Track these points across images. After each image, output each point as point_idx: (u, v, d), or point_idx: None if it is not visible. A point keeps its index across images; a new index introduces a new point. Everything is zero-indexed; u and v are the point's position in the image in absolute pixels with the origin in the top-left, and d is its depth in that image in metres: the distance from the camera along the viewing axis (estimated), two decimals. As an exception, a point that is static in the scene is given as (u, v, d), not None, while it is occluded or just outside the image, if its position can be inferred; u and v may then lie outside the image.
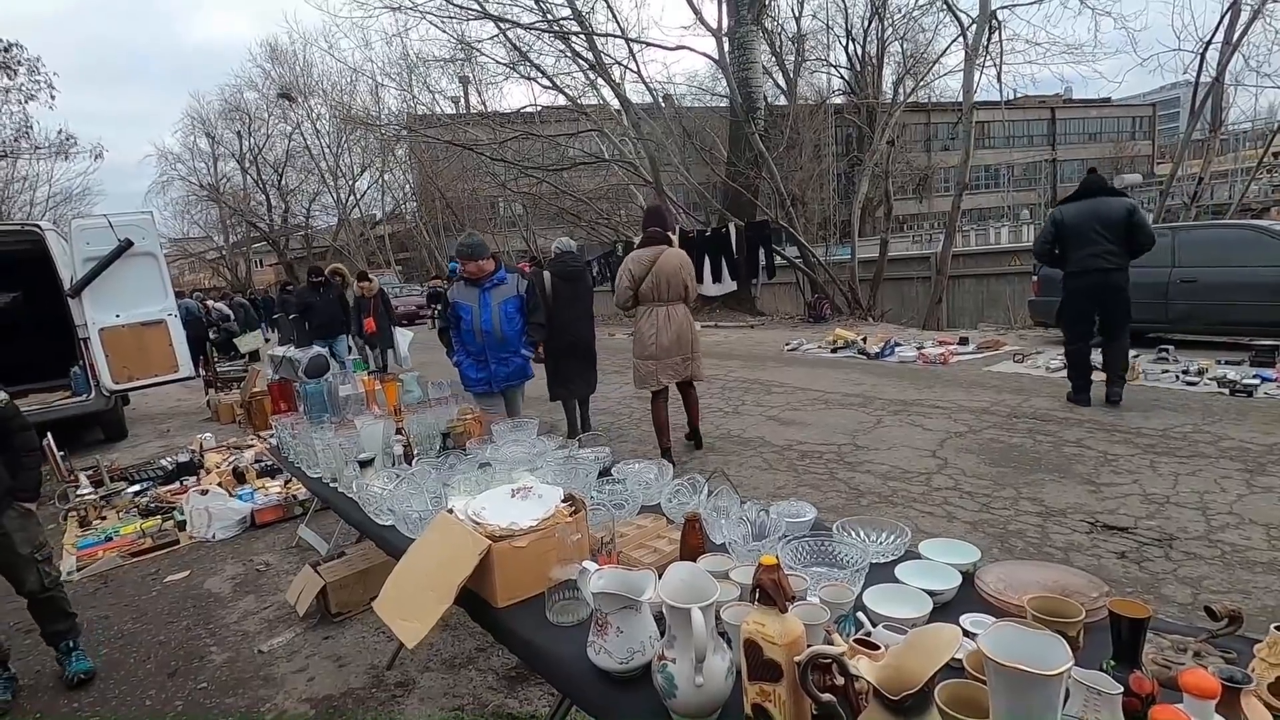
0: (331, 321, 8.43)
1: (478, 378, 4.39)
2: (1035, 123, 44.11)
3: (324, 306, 8.40)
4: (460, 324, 4.33)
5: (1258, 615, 2.55)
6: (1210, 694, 0.90)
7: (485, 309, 4.24)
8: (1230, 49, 10.85)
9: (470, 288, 4.29)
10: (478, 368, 4.38)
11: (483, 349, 4.31)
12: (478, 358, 4.36)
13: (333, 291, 8.50)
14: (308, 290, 8.59)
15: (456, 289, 4.40)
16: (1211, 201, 18.66)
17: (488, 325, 4.24)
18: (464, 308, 4.28)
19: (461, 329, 4.33)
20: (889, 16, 20.53)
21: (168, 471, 5.73)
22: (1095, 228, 5.24)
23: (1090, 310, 5.44)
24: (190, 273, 43.83)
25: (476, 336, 4.28)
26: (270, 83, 31.50)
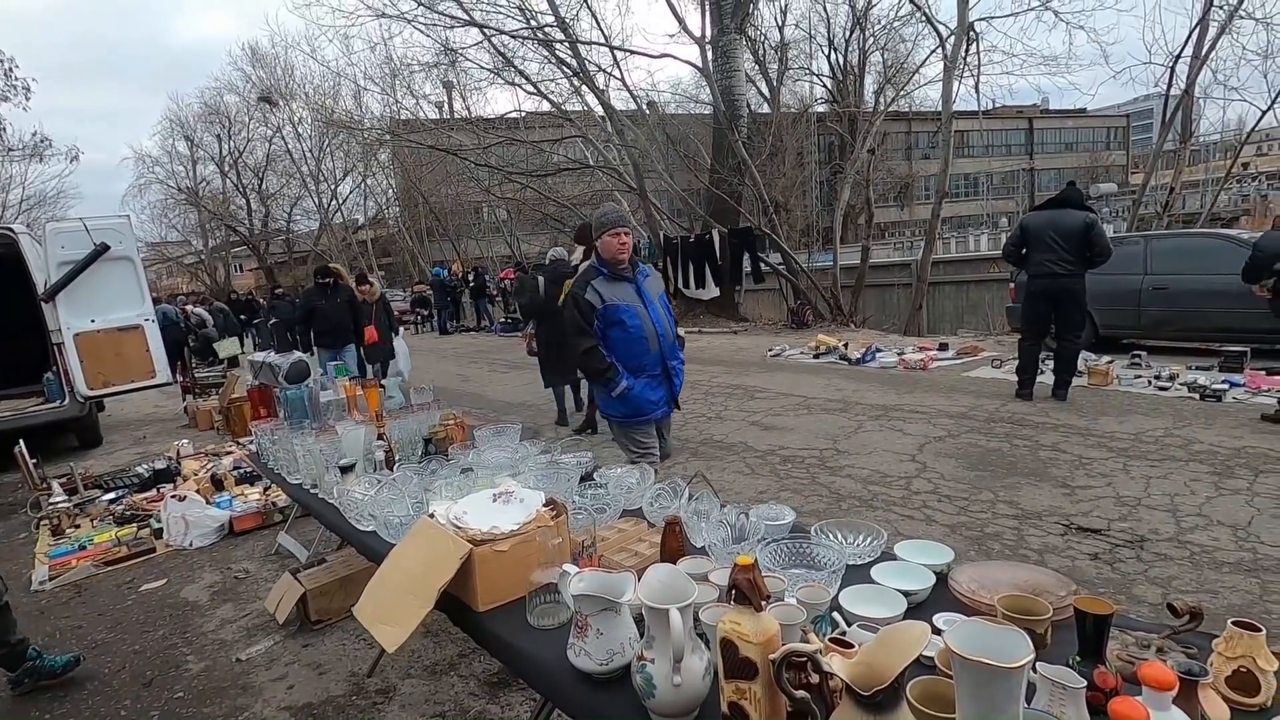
0: (340, 328, 7.29)
1: (659, 398, 3.34)
2: (1013, 132, 44.94)
3: (332, 311, 7.25)
4: (619, 333, 3.21)
5: (1225, 613, 2.61)
6: (1167, 686, 0.93)
7: (652, 306, 3.28)
8: (1199, 63, 11.13)
9: (618, 283, 3.22)
10: (655, 385, 3.31)
11: (659, 359, 3.31)
12: (652, 373, 3.30)
13: (342, 294, 7.34)
14: (314, 292, 7.48)
15: (596, 288, 3.19)
16: (1183, 210, 19.11)
17: (662, 327, 3.28)
18: (626, 310, 3.19)
19: (628, 338, 3.21)
20: (870, 27, 20.83)
21: (144, 479, 5.65)
22: (1052, 235, 5.65)
23: (1045, 311, 5.89)
24: (168, 277, 43.19)
25: (650, 344, 3.24)
26: (251, 86, 31.18)
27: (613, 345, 3.21)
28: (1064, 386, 6.00)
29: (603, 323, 3.19)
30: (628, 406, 3.27)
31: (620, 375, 3.19)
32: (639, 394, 3.25)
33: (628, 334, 3.21)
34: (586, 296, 3.18)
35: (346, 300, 7.34)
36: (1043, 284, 5.74)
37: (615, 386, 3.20)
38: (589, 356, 3.21)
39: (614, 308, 3.18)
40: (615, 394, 3.21)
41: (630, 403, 3.26)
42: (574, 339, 3.24)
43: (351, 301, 7.38)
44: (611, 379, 3.19)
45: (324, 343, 7.29)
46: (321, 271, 7.62)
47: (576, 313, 3.19)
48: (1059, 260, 5.61)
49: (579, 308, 3.18)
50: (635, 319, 3.20)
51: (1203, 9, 10.80)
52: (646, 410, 3.31)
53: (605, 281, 3.21)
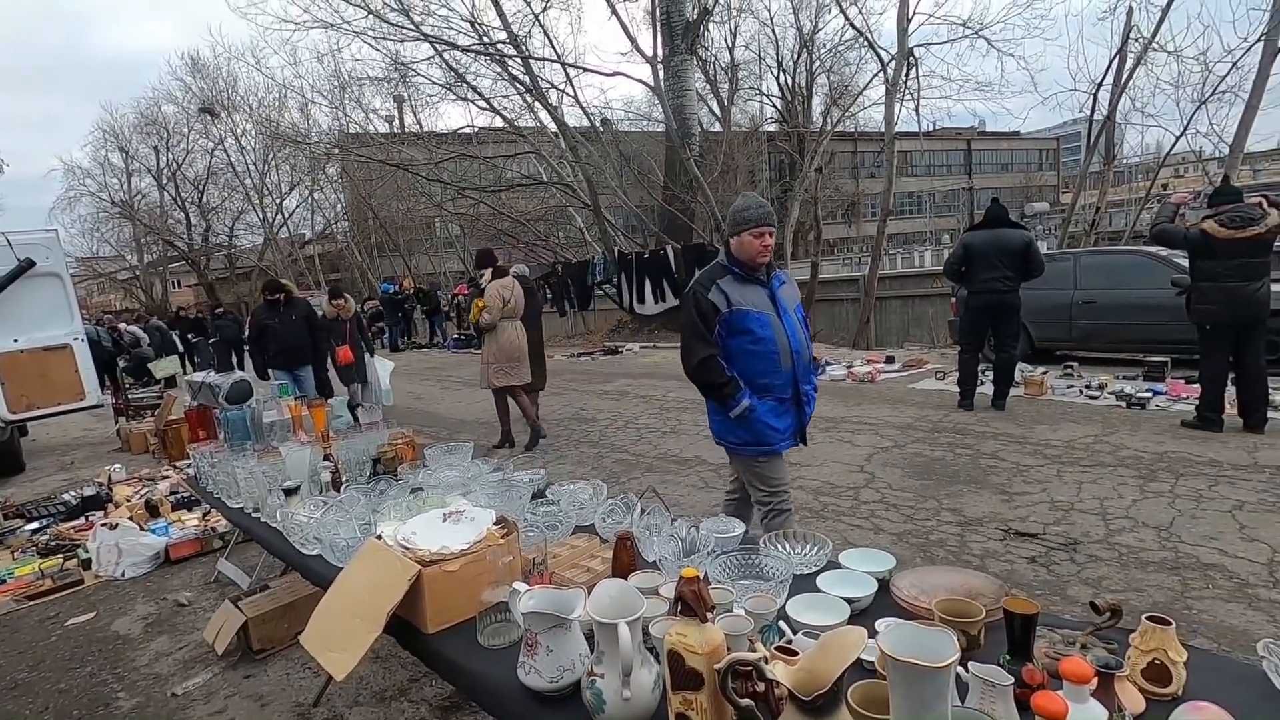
0: (294, 348, 6.79)
1: (784, 427, 2.79)
2: (953, 153, 46.88)
3: (285, 330, 6.74)
4: (745, 343, 2.69)
5: (1150, 610, 2.75)
6: (1084, 679, 0.99)
7: (787, 316, 2.75)
8: (1119, 90, 11.86)
9: (749, 285, 2.71)
10: (782, 411, 2.77)
11: (790, 380, 2.76)
12: (780, 395, 2.75)
13: (297, 310, 6.87)
14: (264, 310, 6.94)
15: (723, 288, 2.68)
16: (1109, 228, 20.20)
17: (797, 341, 2.75)
18: (757, 317, 2.67)
19: (754, 350, 2.70)
20: (816, 50, 21.56)
21: (71, 506, 5.35)
22: (996, 255, 6.04)
23: (985, 325, 6.33)
24: (100, 294, 41.20)
25: (782, 360, 2.71)
26: (191, 96, 30.14)
27: (734, 357, 2.70)
28: (1003, 396, 6.30)
29: (725, 330, 2.68)
30: (748, 432, 2.73)
31: (742, 392, 2.67)
32: (761, 418, 2.71)
33: (755, 345, 2.69)
34: (710, 297, 2.67)
35: (303, 316, 6.86)
36: (986, 299, 6.11)
37: (734, 405, 2.68)
38: (706, 367, 2.70)
39: (742, 313, 2.66)
40: (733, 415, 2.69)
41: (751, 428, 2.72)
42: (689, 344, 2.73)
43: (309, 318, 6.90)
44: (732, 396, 2.67)
45: (278, 364, 6.80)
46: (270, 287, 7.09)
47: (695, 315, 2.70)
48: (1001, 278, 6.01)
49: (699, 309, 2.69)
50: (766, 328, 2.68)
51: (1120, 40, 11.54)
52: (767, 439, 2.74)
53: (734, 282, 2.69)
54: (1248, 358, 4.94)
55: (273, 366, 6.81)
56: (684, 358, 2.80)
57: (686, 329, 2.77)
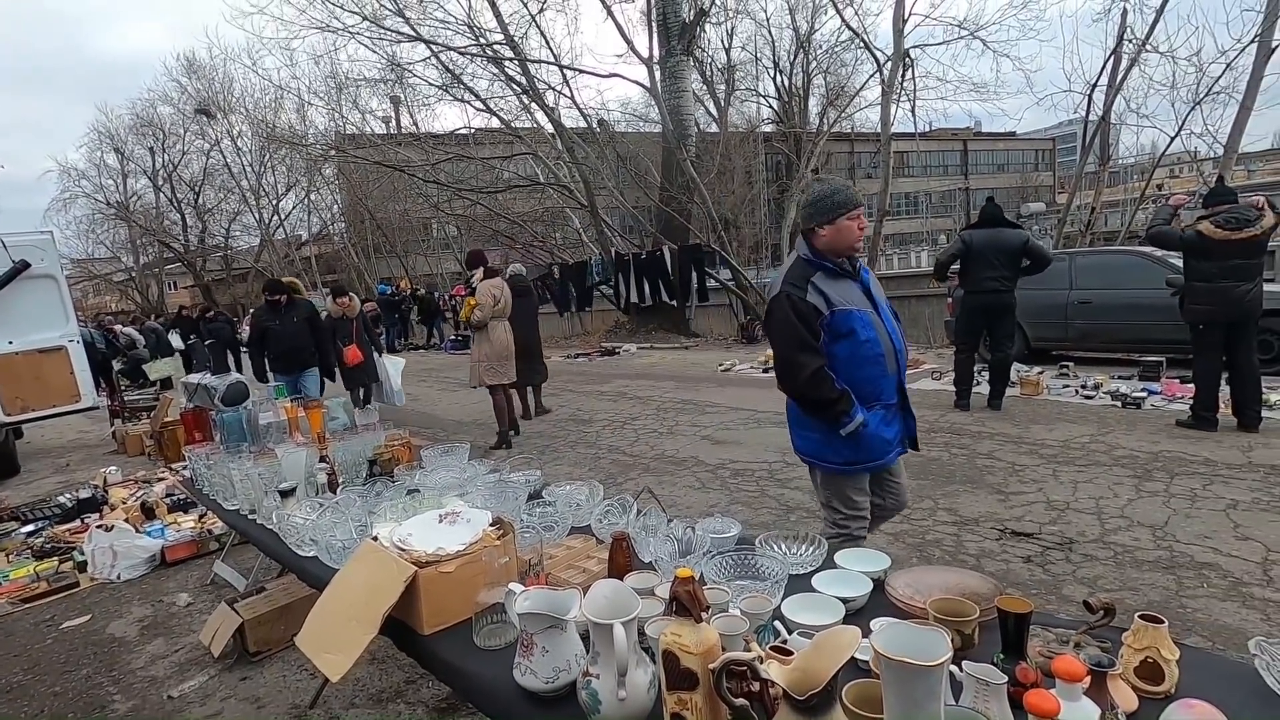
0: (296, 351, 6.53)
1: (893, 436, 2.50)
2: (949, 154, 46.99)
3: (286, 332, 6.46)
4: (847, 348, 2.37)
5: (1145, 609, 2.77)
6: (1076, 678, 0.99)
7: (884, 313, 2.48)
8: (1113, 91, 11.92)
9: (842, 280, 2.41)
10: (890, 419, 2.48)
11: (895, 385, 2.48)
12: (887, 402, 2.46)
13: (299, 311, 6.58)
14: (264, 311, 6.68)
15: (819, 286, 2.36)
16: (1104, 229, 20.27)
17: (899, 340, 2.48)
18: (859, 317, 2.37)
19: (859, 355, 2.38)
20: (813, 51, 21.58)
21: (66, 509, 5.34)
22: (995, 254, 6.02)
23: (981, 326, 6.37)
24: (96, 295, 41.09)
25: (888, 364, 2.43)
26: (187, 97, 30.11)
27: (836, 365, 2.36)
28: (999, 396, 6.33)
29: (827, 335, 2.35)
30: (856, 450, 2.41)
31: (855, 406, 2.35)
32: (873, 432, 2.40)
33: (859, 349, 2.37)
34: (808, 298, 2.33)
35: (305, 318, 6.57)
36: (984, 299, 6.12)
37: (848, 422, 2.34)
38: (817, 381, 2.32)
39: (845, 313, 2.34)
40: (846, 432, 2.35)
41: (860, 444, 2.40)
42: (792, 357, 2.36)
43: (312, 319, 6.64)
44: (846, 412, 2.33)
45: (279, 367, 6.54)
46: (270, 287, 6.74)
47: (795, 320, 2.33)
48: (999, 277, 6.03)
49: (799, 314, 2.33)
50: (869, 328, 2.37)
51: (1115, 41, 11.59)
52: (879, 453, 2.45)
53: (828, 279, 2.38)
54: (1241, 357, 4.96)
55: (274, 370, 6.59)
56: (787, 373, 2.40)
57: (784, 340, 2.38)
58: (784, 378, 2.45)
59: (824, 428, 2.42)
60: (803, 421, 2.53)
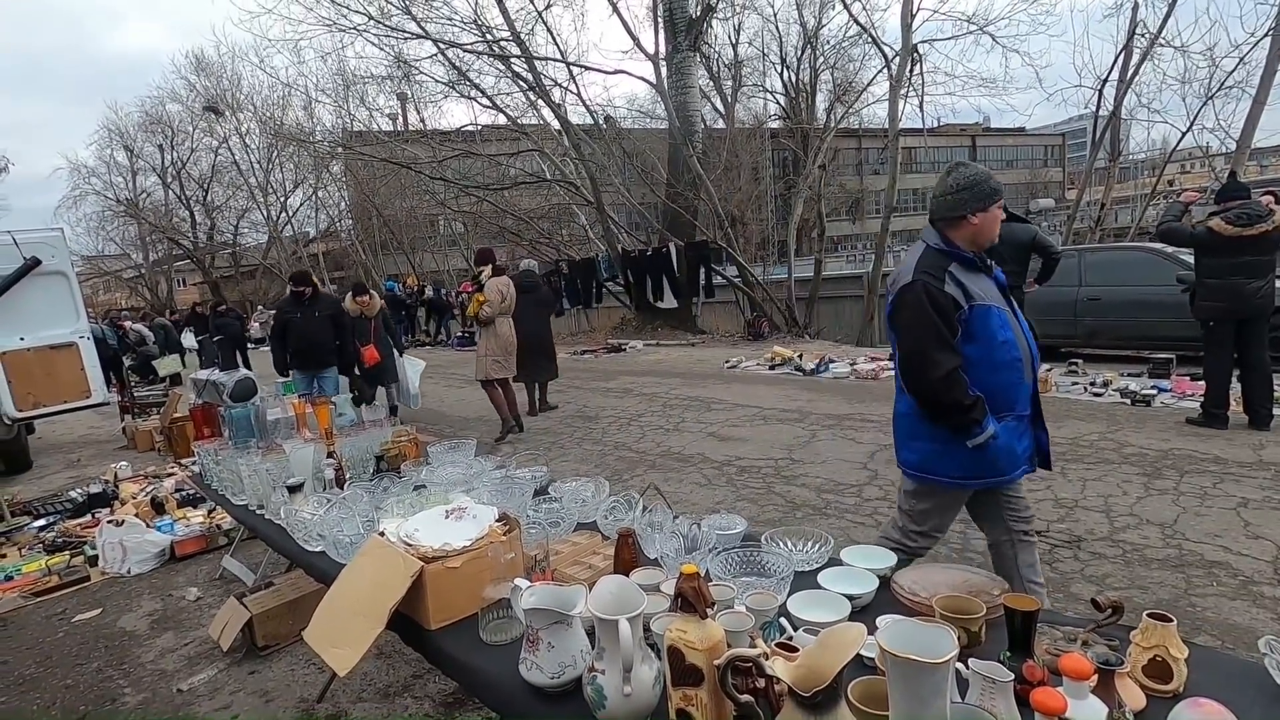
0: (318, 347, 6.25)
1: (1024, 450, 2.21)
2: (957, 149, 46.67)
3: (309, 327, 6.16)
4: (982, 350, 2.11)
5: (1154, 608, 2.75)
6: (1083, 676, 0.99)
7: (1020, 314, 2.24)
8: (1124, 86, 11.81)
9: (978, 274, 2.16)
10: (1022, 431, 2.19)
11: (1030, 393, 2.21)
12: (1020, 413, 2.18)
13: (322, 307, 6.30)
14: (288, 304, 6.39)
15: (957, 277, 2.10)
16: (1114, 225, 20.12)
17: (1034, 345, 2.23)
18: (999, 315, 2.13)
19: (995, 358, 2.11)
20: (820, 47, 21.50)
21: (77, 504, 5.39)
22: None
23: None
24: (105, 292, 41.36)
25: (1025, 370, 2.17)
26: (195, 95, 30.25)
27: (966, 367, 2.08)
28: None
29: (962, 333, 2.10)
30: (979, 463, 2.12)
31: (988, 418, 2.08)
32: (1002, 445, 2.11)
33: (995, 352, 2.11)
34: (946, 289, 2.08)
35: (328, 315, 6.33)
36: None
37: (979, 433, 2.07)
38: (950, 383, 2.05)
39: (984, 310, 2.10)
40: (974, 443, 2.08)
41: (985, 458, 2.11)
42: (926, 353, 2.07)
43: (335, 317, 6.38)
44: (978, 421, 2.06)
45: (299, 364, 6.29)
46: (298, 279, 6.43)
47: (933, 314, 2.06)
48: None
49: (936, 306, 2.06)
50: (1008, 329, 2.13)
51: (1126, 36, 11.48)
52: (1005, 469, 2.15)
53: (965, 270, 2.13)
54: (1252, 355, 4.91)
55: (294, 367, 6.31)
56: (918, 371, 2.11)
57: (917, 334, 2.10)
58: (913, 376, 2.14)
59: (944, 436, 2.13)
60: (917, 431, 2.22)
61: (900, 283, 2.17)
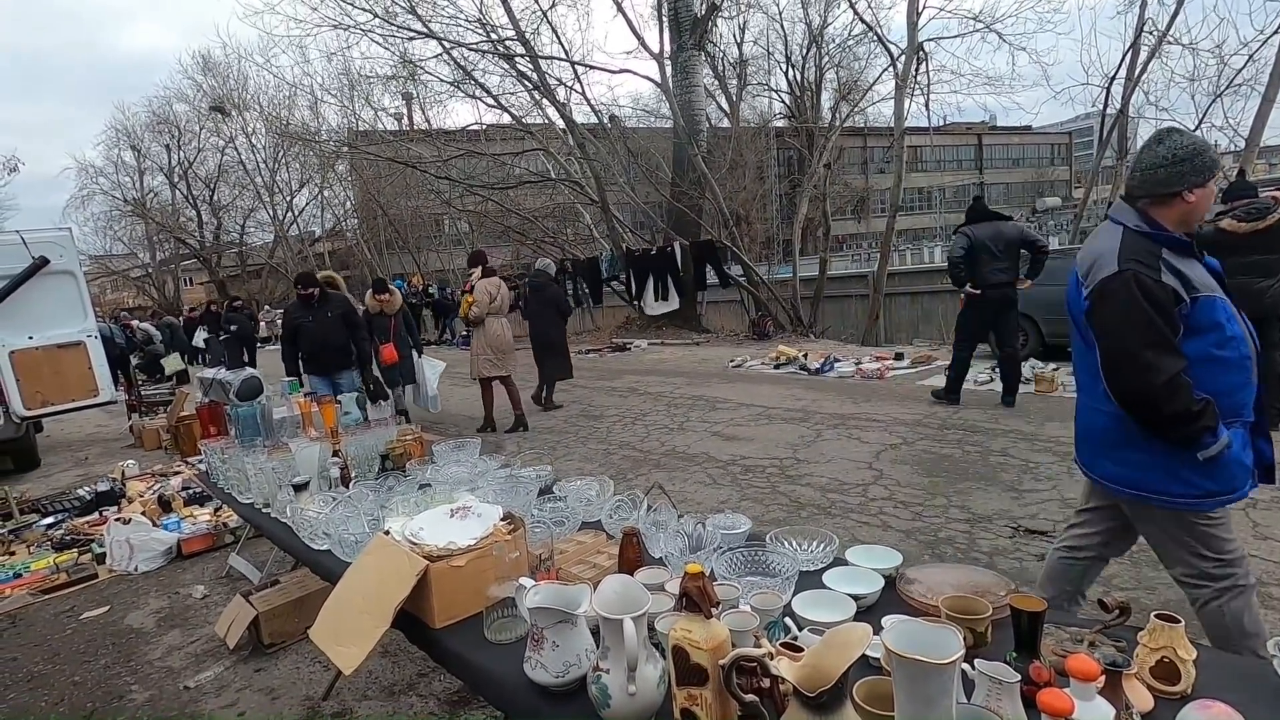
0: (330, 349, 5.91)
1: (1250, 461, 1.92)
2: (963, 148, 46.57)
3: (319, 329, 5.83)
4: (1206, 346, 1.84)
5: (1160, 609, 2.74)
6: (1090, 677, 0.98)
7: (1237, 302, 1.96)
8: (1132, 84, 11.74)
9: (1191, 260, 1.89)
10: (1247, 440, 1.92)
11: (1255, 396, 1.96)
12: (1245, 419, 1.93)
13: (334, 307, 5.97)
14: (296, 307, 6.04)
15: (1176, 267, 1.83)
16: (1122, 224, 19.99)
17: (1256, 340, 1.97)
18: (1224, 308, 1.86)
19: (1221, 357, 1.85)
20: (825, 45, 21.45)
21: (85, 502, 5.42)
22: (998, 248, 5.93)
23: (989, 322, 6.21)
24: (113, 291, 41.59)
25: (1251, 370, 1.94)
26: (202, 95, 30.36)
27: (1193, 369, 1.81)
28: (1013, 393, 6.27)
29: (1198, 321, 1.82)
30: (1211, 477, 1.84)
31: (1220, 426, 1.81)
32: (1236, 456, 1.85)
33: (1221, 349, 1.85)
34: (1163, 279, 1.80)
35: (340, 315, 5.95)
36: (992, 294, 5.99)
37: (1210, 443, 1.80)
38: (1174, 389, 1.77)
39: (1208, 303, 1.82)
40: (1206, 455, 1.81)
41: (1218, 471, 1.84)
42: (1140, 354, 1.79)
43: (346, 315, 6.03)
44: (1211, 430, 1.79)
45: (314, 368, 5.92)
46: (302, 280, 5.99)
47: (1147, 308, 1.79)
48: (1005, 269, 5.94)
49: (1151, 300, 1.79)
50: (1234, 324, 1.86)
51: (1134, 33, 11.41)
52: (1240, 482, 1.87)
53: (1179, 257, 1.86)
54: (1265, 358, 4.87)
55: (308, 371, 5.95)
56: (1133, 376, 1.81)
57: (1130, 333, 1.81)
58: (1122, 382, 1.84)
59: (1165, 449, 1.85)
60: (1131, 440, 1.91)
61: (1101, 272, 1.88)
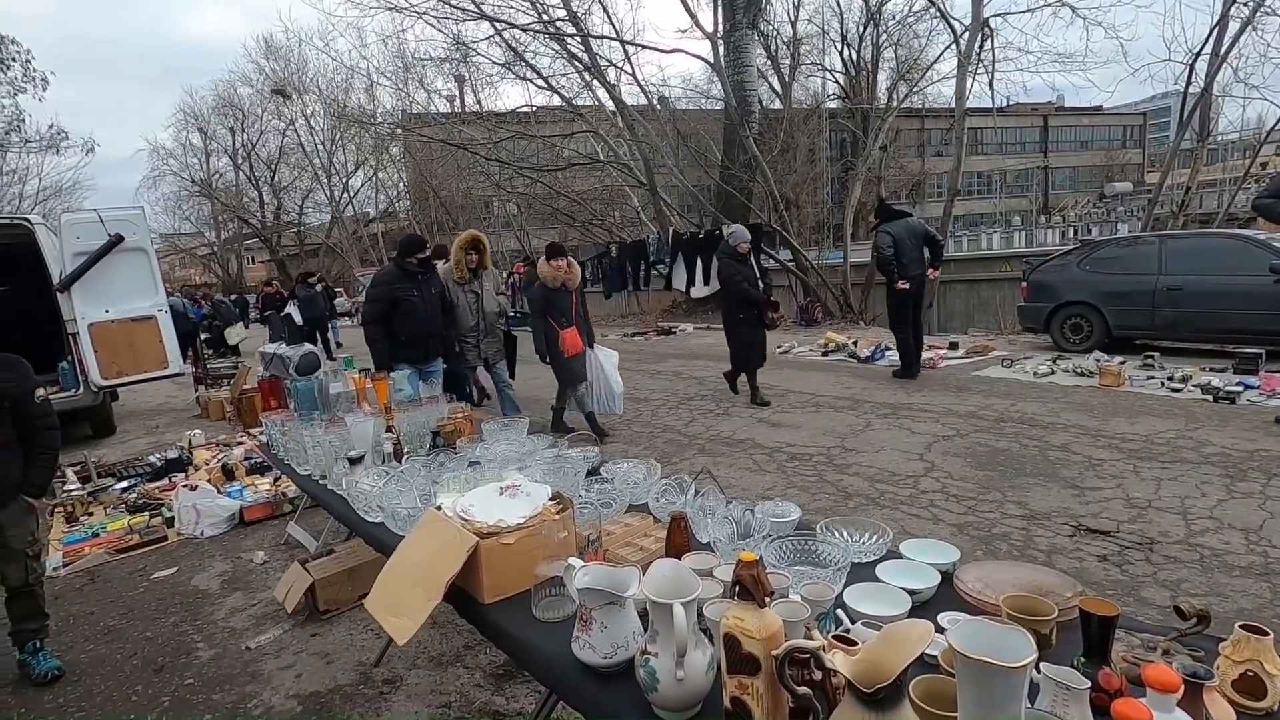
0: (433, 335, 5.04)
1: None
2: (1027, 130, 44.52)
3: (426, 309, 4.93)
4: None
5: (1234, 617, 2.59)
6: (1171, 688, 0.93)
7: None
8: (1219, 60, 10.98)
9: None
10: None
11: None
12: None
13: (435, 283, 5.08)
14: (399, 276, 4.88)
15: None
16: (1199, 210, 18.88)
17: None
18: None
19: None
20: (884, 22, 20.72)
21: (156, 468, 5.71)
22: (914, 242, 6.89)
23: (910, 307, 7.05)
24: (181, 268, 43.56)
25: None
26: (264, 78, 31.37)
27: None
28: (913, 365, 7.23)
29: None
30: None
31: None
32: None
33: None
34: None
35: (439, 293, 5.10)
36: (914, 283, 6.88)
37: None
38: None
39: None
40: None
41: None
42: None
43: (444, 294, 5.18)
44: None
45: (409, 355, 4.84)
46: (411, 245, 4.91)
47: None
48: (918, 261, 6.89)
49: None
50: None
51: (1224, 6, 10.65)
52: None
53: None
54: None
55: (403, 359, 4.76)
56: None
57: None
58: None
59: None
60: None
61: None
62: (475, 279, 5.48)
